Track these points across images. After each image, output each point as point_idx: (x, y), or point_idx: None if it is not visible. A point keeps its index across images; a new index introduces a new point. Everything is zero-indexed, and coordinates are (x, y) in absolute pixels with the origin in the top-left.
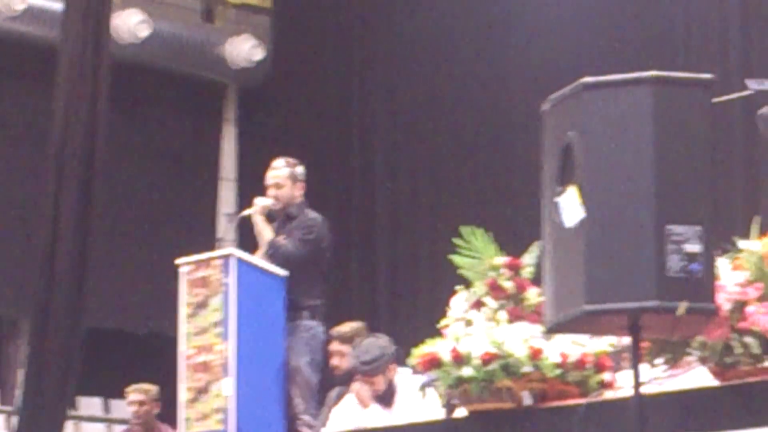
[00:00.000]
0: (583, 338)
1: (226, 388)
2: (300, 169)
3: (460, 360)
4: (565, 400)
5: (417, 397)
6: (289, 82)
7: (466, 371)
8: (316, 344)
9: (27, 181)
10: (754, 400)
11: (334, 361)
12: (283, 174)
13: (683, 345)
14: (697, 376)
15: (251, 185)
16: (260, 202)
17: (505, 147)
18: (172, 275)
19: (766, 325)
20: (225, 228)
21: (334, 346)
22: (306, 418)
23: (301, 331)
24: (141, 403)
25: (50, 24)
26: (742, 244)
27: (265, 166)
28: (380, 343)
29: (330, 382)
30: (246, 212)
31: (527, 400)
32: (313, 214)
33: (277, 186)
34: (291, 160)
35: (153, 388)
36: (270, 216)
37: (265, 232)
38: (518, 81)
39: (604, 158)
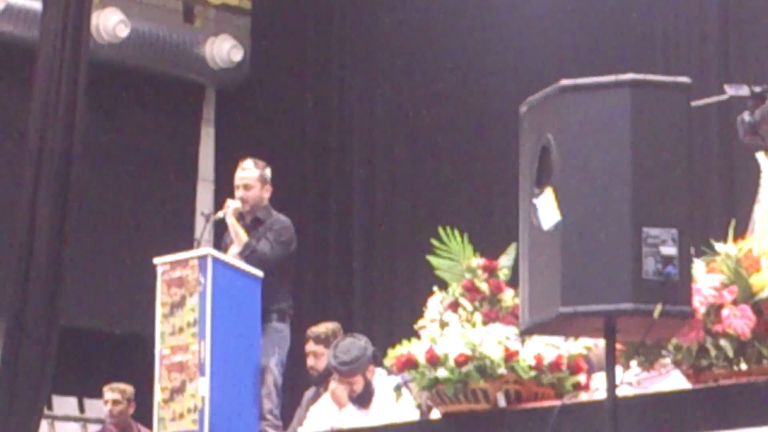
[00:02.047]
0: (558, 340)
1: (202, 388)
2: (268, 171)
3: (435, 361)
4: (540, 401)
5: (393, 398)
6: (268, 83)
7: (441, 372)
8: (284, 346)
9: (4, 180)
10: (728, 403)
11: (310, 362)
12: (252, 175)
13: (658, 347)
14: (671, 379)
15: (229, 186)
16: (232, 204)
17: (482, 149)
18: (149, 275)
19: (741, 328)
20: (202, 228)
21: (310, 346)
22: (271, 418)
23: (270, 332)
24: (116, 402)
25: (29, 23)
26: (718, 247)
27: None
28: (360, 343)
29: (305, 383)
30: (219, 214)
31: (502, 401)
32: (282, 217)
33: (246, 187)
34: (260, 161)
35: (128, 388)
36: (238, 218)
37: (240, 233)
38: (496, 83)
39: (581, 161)
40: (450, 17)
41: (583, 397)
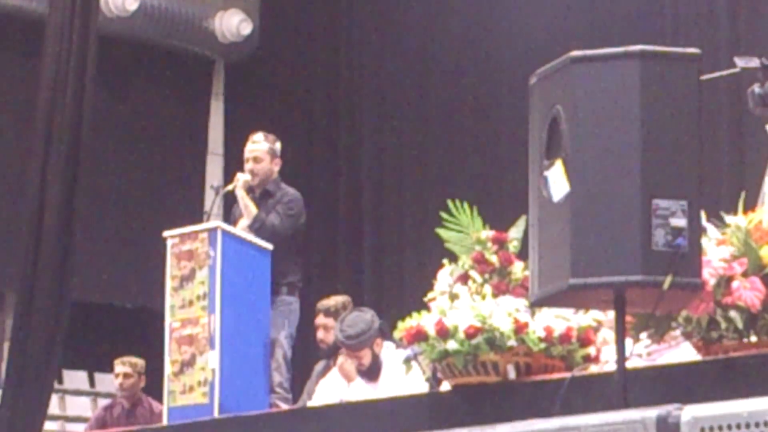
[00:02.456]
0: (568, 312)
1: (212, 361)
2: (278, 145)
3: (445, 333)
4: (549, 374)
5: (402, 371)
6: (277, 56)
7: (451, 345)
8: (294, 319)
9: (13, 155)
10: (738, 375)
11: (320, 335)
12: (262, 149)
13: (668, 319)
14: (681, 350)
15: (238, 159)
16: (242, 177)
17: (492, 121)
18: (158, 249)
19: (751, 300)
20: (212, 201)
21: (320, 319)
22: (280, 391)
23: (279, 305)
24: (127, 376)
25: None
26: (728, 219)
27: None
28: (366, 317)
29: (315, 356)
30: (229, 187)
31: (512, 373)
32: (291, 190)
33: (256, 160)
34: (270, 135)
35: (139, 361)
36: (248, 191)
37: (250, 206)
38: (506, 54)
39: (590, 132)
40: None
41: (593, 369)
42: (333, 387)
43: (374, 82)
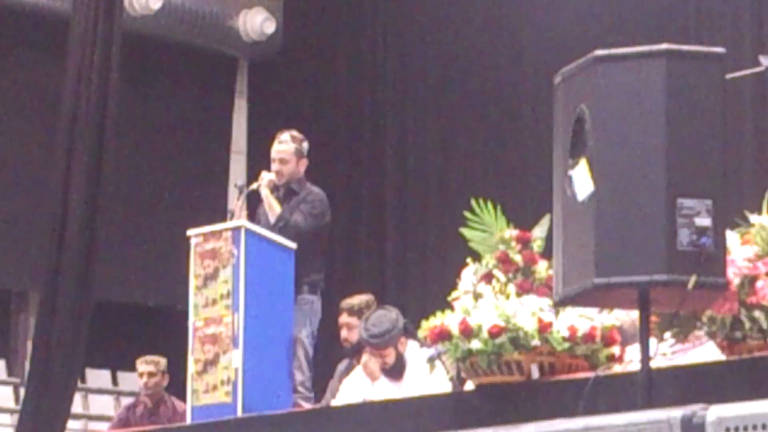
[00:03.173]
0: (592, 312)
1: (235, 360)
2: (305, 145)
3: (469, 333)
4: (573, 373)
5: (426, 370)
6: (300, 55)
7: (475, 344)
8: (315, 318)
9: (38, 153)
10: (762, 375)
11: (343, 334)
12: (289, 149)
13: (692, 319)
14: (705, 350)
15: (262, 158)
16: (267, 176)
17: (516, 120)
18: (182, 248)
19: None
20: (236, 200)
21: (344, 318)
22: (302, 390)
23: (301, 304)
24: (151, 375)
25: None
26: (752, 218)
27: (275, 139)
28: (390, 315)
29: (337, 355)
30: (253, 186)
31: (535, 373)
32: (316, 189)
33: (282, 161)
34: (297, 135)
35: (162, 360)
36: (272, 189)
37: (274, 205)
38: (530, 54)
39: (615, 131)
40: None
41: (617, 369)
42: (357, 386)
43: (397, 80)
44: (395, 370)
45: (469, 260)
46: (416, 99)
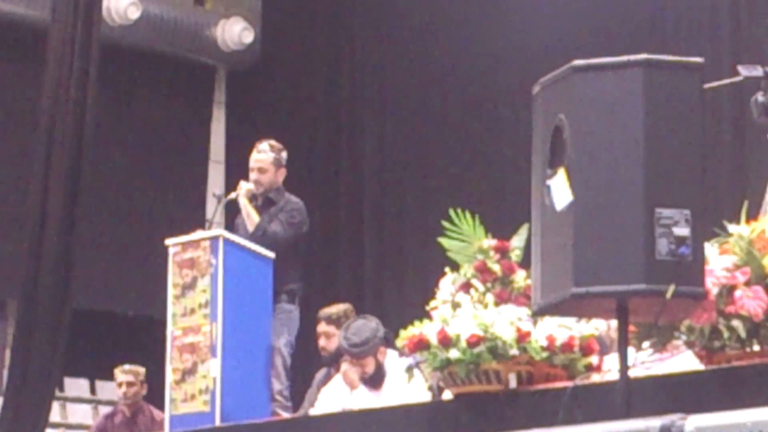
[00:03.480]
0: (570, 321)
1: (213, 369)
2: (284, 154)
3: (447, 342)
4: (551, 383)
5: (405, 379)
6: (278, 65)
7: (453, 353)
8: (293, 327)
9: (16, 163)
10: (740, 384)
11: (321, 343)
12: (267, 159)
13: (671, 329)
14: (684, 360)
15: (240, 168)
16: (245, 186)
17: (494, 129)
18: (160, 256)
19: (754, 309)
20: (214, 209)
21: (321, 327)
22: (280, 399)
23: (279, 313)
24: (130, 384)
25: (41, 4)
26: (731, 228)
27: (253, 147)
28: (370, 325)
29: (315, 364)
30: (232, 195)
31: (514, 382)
32: (294, 199)
33: (261, 170)
34: (275, 144)
35: (141, 369)
36: (251, 199)
37: (252, 214)
38: (509, 63)
39: (593, 141)
40: None
41: (595, 378)
42: (336, 395)
43: (375, 90)
44: (374, 380)
45: (447, 270)
46: (394, 108)
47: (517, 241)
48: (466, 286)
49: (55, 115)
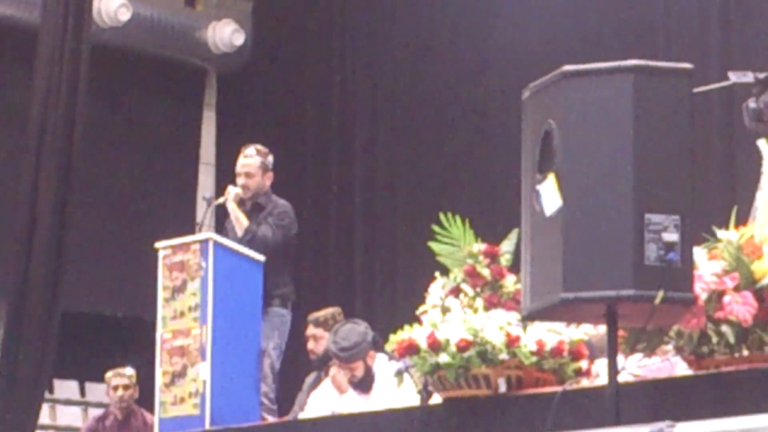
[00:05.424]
0: (559, 326)
1: (203, 372)
2: (270, 158)
3: (436, 346)
4: (541, 387)
5: (394, 383)
6: (269, 67)
7: (443, 358)
8: (284, 331)
9: (6, 164)
10: (729, 390)
11: (309, 345)
12: (254, 163)
13: (660, 334)
14: (673, 365)
15: (230, 170)
16: (233, 190)
17: (484, 134)
18: (150, 259)
19: (743, 314)
20: (204, 212)
21: (310, 330)
22: (266, 402)
23: (271, 317)
24: (126, 387)
25: (31, 6)
26: (720, 233)
27: (240, 153)
28: (359, 329)
29: (306, 368)
30: (220, 200)
31: (503, 387)
32: (282, 202)
33: (248, 175)
34: (262, 148)
35: (133, 372)
36: (239, 203)
37: (241, 219)
38: (499, 69)
39: (583, 146)
40: (453, 2)
41: (585, 383)
42: (325, 398)
43: (366, 94)
44: (364, 383)
45: (437, 274)
46: (385, 112)
47: (506, 246)
48: (456, 291)
49: (45, 117)
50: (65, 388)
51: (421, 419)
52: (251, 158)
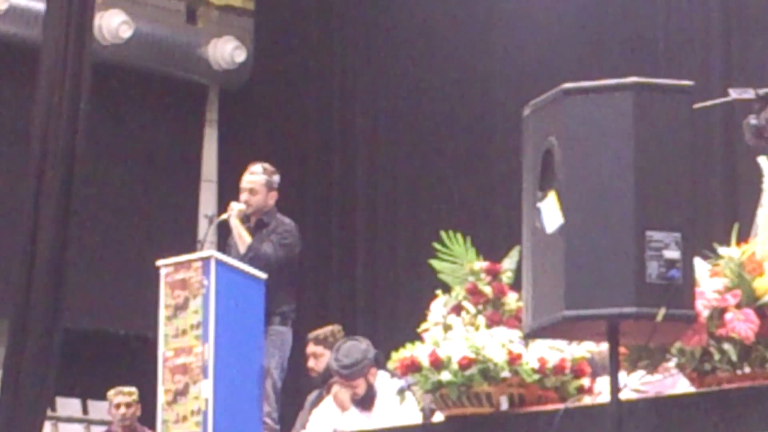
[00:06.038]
0: (561, 344)
1: (205, 390)
2: (276, 177)
3: (438, 364)
4: (543, 405)
5: (396, 401)
6: (270, 84)
7: (445, 376)
8: (286, 349)
9: (7, 181)
10: (731, 407)
11: (310, 363)
12: (259, 180)
13: (661, 351)
14: (675, 382)
15: (232, 187)
16: (236, 207)
17: (485, 152)
18: (152, 277)
19: (745, 332)
20: (206, 230)
21: (310, 347)
22: (269, 421)
23: (272, 335)
24: (128, 406)
25: (32, 24)
26: (721, 250)
27: (246, 168)
28: (361, 346)
29: (307, 386)
30: (223, 217)
31: (505, 405)
32: (286, 220)
33: (252, 191)
34: (269, 167)
35: (135, 390)
36: (243, 220)
37: (244, 235)
38: (499, 86)
39: (584, 164)
40: (453, 19)
41: (587, 400)
42: (327, 416)
43: (367, 111)
44: (365, 401)
45: (438, 292)
46: (386, 128)
47: (508, 264)
48: (458, 308)
49: (46, 134)
50: (68, 405)
51: None
52: (257, 175)
